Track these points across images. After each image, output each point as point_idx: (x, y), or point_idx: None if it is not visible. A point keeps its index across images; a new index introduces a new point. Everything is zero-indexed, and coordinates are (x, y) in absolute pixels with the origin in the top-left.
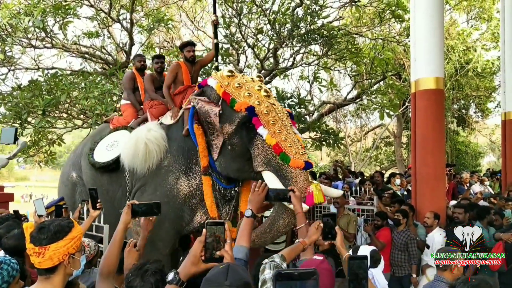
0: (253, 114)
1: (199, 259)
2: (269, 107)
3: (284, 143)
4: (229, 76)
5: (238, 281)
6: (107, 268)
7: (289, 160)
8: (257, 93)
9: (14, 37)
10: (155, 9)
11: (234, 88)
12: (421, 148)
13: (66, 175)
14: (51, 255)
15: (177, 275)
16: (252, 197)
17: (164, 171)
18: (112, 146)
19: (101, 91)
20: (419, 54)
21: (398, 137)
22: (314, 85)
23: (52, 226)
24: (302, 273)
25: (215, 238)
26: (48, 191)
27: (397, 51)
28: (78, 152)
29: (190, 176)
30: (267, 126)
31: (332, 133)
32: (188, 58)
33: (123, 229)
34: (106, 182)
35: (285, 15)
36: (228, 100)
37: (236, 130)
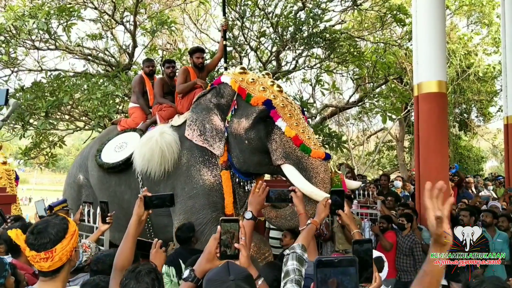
0: (271, 107)
1: (214, 256)
2: (284, 101)
3: (302, 135)
4: (241, 73)
5: (241, 274)
6: (121, 262)
7: (310, 151)
8: (270, 87)
9: (18, 39)
10: (159, 12)
11: (249, 83)
12: (424, 151)
13: (72, 177)
14: (60, 255)
15: (193, 272)
16: (252, 198)
17: (185, 168)
18: (120, 148)
19: (103, 93)
20: (422, 58)
21: (400, 141)
22: (316, 88)
23: (49, 228)
24: (342, 260)
25: (229, 235)
26: (48, 194)
27: (399, 55)
28: (85, 154)
29: (210, 167)
30: (285, 119)
31: (335, 136)
32: (197, 64)
33: (137, 221)
34: (114, 183)
35: (288, 18)
36: (244, 94)
37: (253, 124)
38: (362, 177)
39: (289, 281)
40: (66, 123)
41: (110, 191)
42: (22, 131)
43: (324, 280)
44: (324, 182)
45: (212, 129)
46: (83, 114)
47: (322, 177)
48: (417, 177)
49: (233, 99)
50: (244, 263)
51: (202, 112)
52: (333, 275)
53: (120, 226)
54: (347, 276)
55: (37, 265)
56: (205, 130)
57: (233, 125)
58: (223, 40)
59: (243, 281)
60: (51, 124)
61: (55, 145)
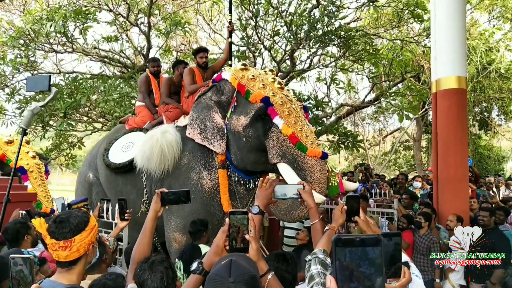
0: (268, 104)
1: (222, 249)
2: (283, 98)
3: (300, 133)
4: (242, 69)
5: (242, 276)
6: (139, 255)
7: (306, 149)
8: (271, 84)
9: (37, 42)
10: (172, 13)
11: (249, 80)
12: (443, 149)
13: (83, 175)
14: (78, 246)
15: (201, 265)
16: (259, 192)
17: (185, 169)
18: (127, 147)
19: (119, 94)
20: (440, 53)
21: (417, 141)
22: (331, 87)
23: (71, 218)
24: (364, 239)
25: (238, 227)
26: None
27: (416, 52)
28: (94, 152)
29: (210, 170)
30: (283, 117)
31: (351, 135)
32: (200, 64)
33: (153, 217)
34: (120, 183)
35: (302, 16)
36: (243, 91)
37: (252, 122)
38: (379, 177)
39: (315, 285)
40: (84, 124)
41: (117, 190)
42: (42, 132)
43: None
44: (320, 182)
45: (213, 127)
46: (100, 116)
47: (317, 176)
48: (435, 176)
49: (233, 96)
50: (253, 256)
51: (203, 111)
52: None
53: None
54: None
55: (55, 253)
56: (206, 128)
57: (232, 122)
58: (228, 41)
59: (243, 283)
60: (69, 125)
61: (74, 146)
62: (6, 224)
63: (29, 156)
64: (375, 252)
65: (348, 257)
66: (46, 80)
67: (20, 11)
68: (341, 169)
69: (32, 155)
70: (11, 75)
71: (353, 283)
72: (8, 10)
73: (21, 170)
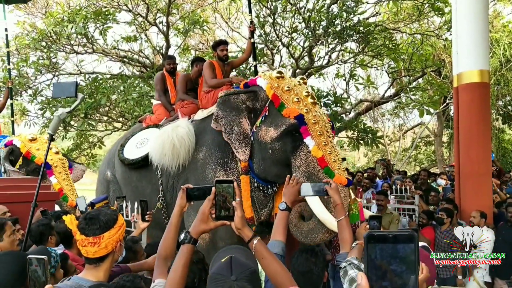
0: (302, 123)
1: (208, 216)
2: (317, 117)
3: (329, 156)
4: (278, 78)
5: (243, 273)
6: (164, 251)
7: (334, 175)
8: (305, 99)
9: (58, 44)
10: (191, 12)
11: (284, 91)
12: (465, 144)
13: (102, 174)
14: (106, 243)
15: (188, 234)
16: (286, 190)
17: (200, 164)
18: (142, 144)
19: (139, 93)
20: (462, 47)
21: (438, 136)
22: (350, 83)
23: (101, 216)
24: (398, 235)
25: (224, 196)
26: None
27: (437, 46)
28: (112, 151)
29: (227, 171)
30: (314, 137)
31: (370, 131)
32: (221, 57)
33: (179, 212)
34: (135, 179)
35: (320, 12)
36: (277, 103)
37: (281, 136)
38: (399, 173)
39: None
40: (104, 124)
41: (132, 186)
42: (64, 133)
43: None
44: None
45: (240, 132)
46: (120, 115)
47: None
48: (457, 171)
49: (266, 105)
50: (238, 222)
51: (232, 112)
52: (384, 256)
53: None
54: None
55: (84, 249)
56: (232, 131)
57: (260, 131)
58: (250, 40)
59: (245, 280)
60: (90, 125)
61: (94, 146)
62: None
63: (52, 152)
64: (407, 249)
65: (379, 254)
66: (73, 86)
67: (42, 14)
68: (360, 166)
69: (55, 151)
70: (33, 76)
71: (385, 282)
72: (31, 13)
73: (46, 165)
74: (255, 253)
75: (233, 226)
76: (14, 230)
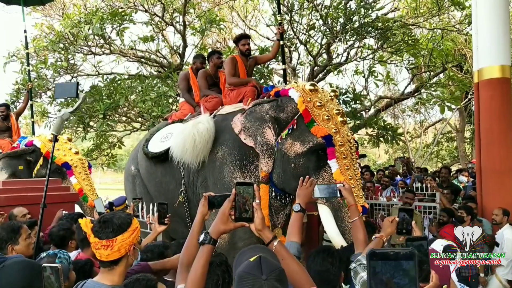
0: (330, 144)
1: (227, 217)
2: (344, 138)
3: (349, 182)
4: (311, 91)
5: (273, 272)
6: (187, 259)
7: None
8: (335, 118)
9: (76, 45)
10: (207, 11)
11: (315, 107)
12: (486, 141)
13: (127, 170)
14: (119, 246)
15: (208, 235)
16: (300, 191)
17: (218, 164)
18: (166, 138)
19: (157, 93)
20: (482, 41)
21: (460, 132)
22: (369, 79)
23: (115, 219)
24: (399, 253)
25: (244, 198)
26: (111, 193)
27: (458, 41)
28: (138, 146)
29: (245, 174)
30: (339, 159)
31: (390, 128)
32: (243, 51)
33: (201, 220)
34: (160, 174)
35: (338, 9)
36: (307, 119)
37: (306, 152)
38: (420, 171)
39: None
40: (123, 124)
41: (156, 181)
42: (83, 133)
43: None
44: None
45: (263, 143)
46: (138, 115)
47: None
48: (478, 169)
49: (294, 118)
50: (258, 224)
51: (256, 122)
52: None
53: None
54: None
55: (98, 252)
56: (256, 141)
57: (285, 144)
58: (279, 42)
59: (275, 279)
60: (109, 126)
61: (114, 146)
62: (52, 229)
63: (72, 152)
64: (409, 264)
65: (382, 267)
66: (74, 87)
67: (59, 16)
68: (381, 163)
69: (75, 151)
70: (52, 78)
71: None
72: (48, 15)
73: (66, 165)
74: (275, 254)
75: (253, 228)
76: (29, 234)
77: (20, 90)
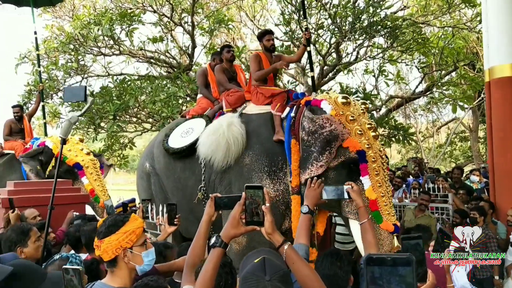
0: (363, 160)
1: (238, 221)
2: (377, 154)
3: (381, 199)
4: (343, 104)
5: (277, 273)
6: (193, 260)
7: (381, 221)
8: (367, 132)
9: (86, 47)
10: (215, 11)
11: (348, 121)
12: (499, 141)
13: (141, 167)
14: (105, 248)
15: (219, 238)
16: (308, 192)
17: (246, 170)
18: (187, 133)
19: (166, 94)
20: (493, 40)
21: (474, 131)
22: (380, 79)
23: (108, 220)
24: (396, 258)
25: (254, 201)
26: (123, 193)
27: (470, 39)
28: (151, 143)
29: (274, 180)
30: (371, 177)
31: (402, 128)
32: (268, 47)
33: (207, 221)
34: (178, 169)
35: (346, 8)
36: None
37: (337, 166)
38: (433, 171)
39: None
40: (134, 125)
41: (175, 177)
42: (94, 134)
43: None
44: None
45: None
46: (148, 116)
47: (385, 249)
48: (491, 169)
49: None
50: (268, 228)
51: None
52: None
53: (184, 211)
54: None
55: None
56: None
57: None
58: (304, 48)
59: (279, 280)
60: (119, 127)
61: (125, 147)
62: (69, 229)
63: (83, 153)
64: (406, 270)
65: (378, 272)
66: (82, 91)
67: (69, 17)
68: (394, 163)
69: (87, 151)
70: (63, 79)
71: None
72: (58, 17)
73: (77, 166)
74: (286, 258)
75: (263, 232)
76: (39, 236)
77: (31, 92)
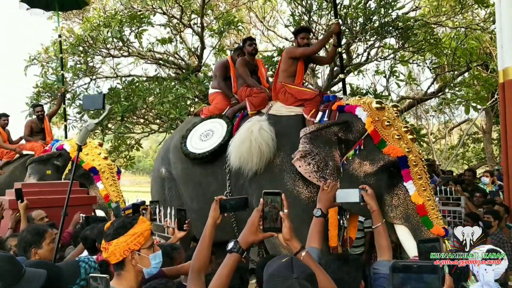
0: (405, 166)
1: (257, 227)
2: (417, 158)
3: (428, 203)
4: (378, 109)
5: (304, 272)
6: (198, 263)
7: (432, 226)
8: (405, 136)
9: (95, 48)
10: (225, 12)
11: (384, 127)
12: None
13: (156, 171)
14: (113, 250)
15: (237, 244)
16: (321, 196)
17: (277, 171)
18: (206, 136)
19: (175, 95)
20: (507, 40)
21: (487, 133)
22: (391, 80)
23: (116, 222)
24: (422, 266)
25: (272, 207)
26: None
27: (483, 40)
28: (166, 147)
29: (307, 181)
30: (415, 181)
31: (413, 129)
32: (301, 45)
33: (212, 224)
34: (199, 174)
35: (357, 9)
36: (377, 139)
37: (376, 171)
38: (444, 173)
39: None
40: (141, 126)
41: (195, 182)
42: (102, 135)
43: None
44: None
45: (334, 166)
46: (156, 117)
47: None
48: (505, 171)
49: (361, 138)
50: (286, 234)
51: (325, 147)
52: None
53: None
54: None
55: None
56: (327, 167)
57: (353, 164)
58: (335, 48)
59: (306, 279)
60: (127, 128)
61: (132, 148)
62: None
63: (101, 158)
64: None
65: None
66: (101, 99)
67: (79, 19)
68: None
69: (104, 156)
70: (71, 81)
71: None
72: (68, 19)
73: (93, 170)
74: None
75: (281, 238)
76: (53, 239)
77: (40, 93)
